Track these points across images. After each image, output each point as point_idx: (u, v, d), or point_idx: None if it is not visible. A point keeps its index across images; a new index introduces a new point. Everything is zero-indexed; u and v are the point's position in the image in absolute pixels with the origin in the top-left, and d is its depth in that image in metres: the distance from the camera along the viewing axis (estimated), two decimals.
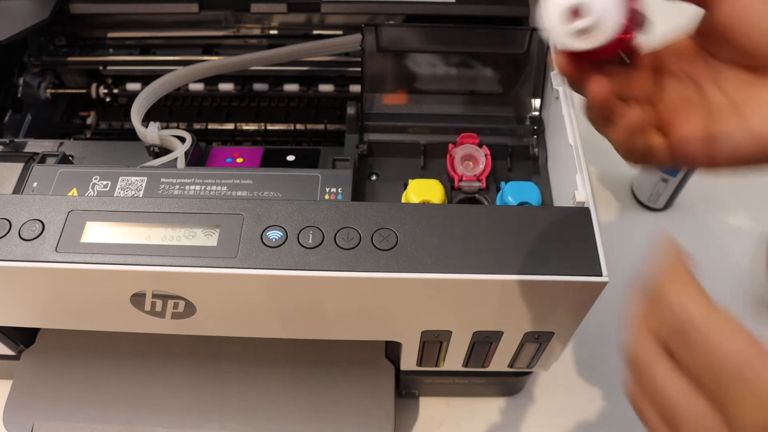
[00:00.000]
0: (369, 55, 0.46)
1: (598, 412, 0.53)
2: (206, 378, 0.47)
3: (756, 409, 0.19)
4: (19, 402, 0.45)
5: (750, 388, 0.19)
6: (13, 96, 0.54)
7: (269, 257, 0.33)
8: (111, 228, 0.35)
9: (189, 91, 0.58)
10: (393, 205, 0.35)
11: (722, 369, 0.20)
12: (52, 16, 0.52)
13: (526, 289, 0.34)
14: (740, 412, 0.20)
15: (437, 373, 0.47)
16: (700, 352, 0.21)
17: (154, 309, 0.37)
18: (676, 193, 0.64)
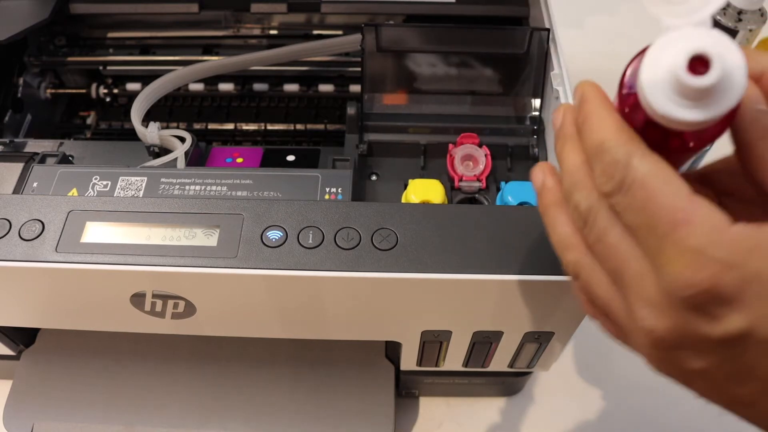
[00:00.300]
0: (369, 55, 0.46)
1: (598, 412, 0.53)
2: (206, 378, 0.47)
3: (684, 267, 0.19)
4: (19, 402, 0.45)
5: (681, 246, 0.19)
6: (13, 96, 0.54)
7: (269, 257, 0.33)
8: (111, 228, 0.35)
9: (189, 91, 0.58)
10: (393, 205, 0.35)
11: (659, 224, 0.20)
12: (52, 16, 0.52)
13: (526, 289, 0.34)
14: (670, 269, 0.20)
15: (437, 373, 0.47)
16: (640, 206, 0.21)
17: (154, 309, 0.37)
18: None
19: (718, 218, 0.19)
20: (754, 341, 0.19)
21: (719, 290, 0.19)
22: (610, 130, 0.22)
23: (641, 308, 0.21)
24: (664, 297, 0.20)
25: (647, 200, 0.20)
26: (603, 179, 0.22)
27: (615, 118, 0.22)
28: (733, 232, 0.19)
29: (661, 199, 0.20)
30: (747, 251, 0.19)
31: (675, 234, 0.20)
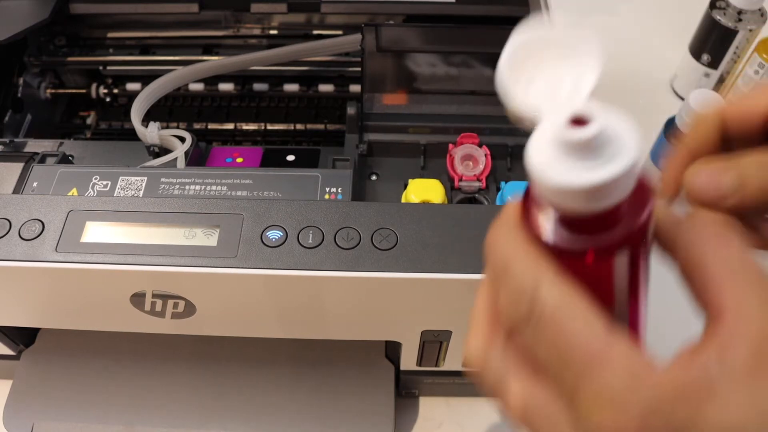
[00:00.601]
0: (369, 55, 0.46)
1: None
2: (206, 378, 0.47)
3: (603, 416, 0.17)
4: (19, 402, 0.45)
5: (596, 384, 0.17)
6: (13, 96, 0.54)
7: (269, 257, 0.33)
8: (111, 228, 0.35)
9: (189, 91, 0.58)
10: (393, 205, 0.35)
11: (573, 365, 0.18)
12: (52, 16, 0.52)
13: None
14: (588, 415, 0.18)
15: (437, 373, 0.47)
16: (550, 341, 0.18)
17: (154, 309, 0.37)
18: None
19: (638, 359, 0.18)
20: None
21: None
22: (516, 249, 0.20)
23: None
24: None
25: (557, 336, 0.18)
26: (510, 309, 0.19)
27: (523, 236, 0.20)
28: (658, 376, 0.18)
29: (572, 336, 0.18)
30: (673, 398, 0.17)
31: (591, 376, 0.18)
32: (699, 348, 0.19)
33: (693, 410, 0.16)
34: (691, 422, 0.16)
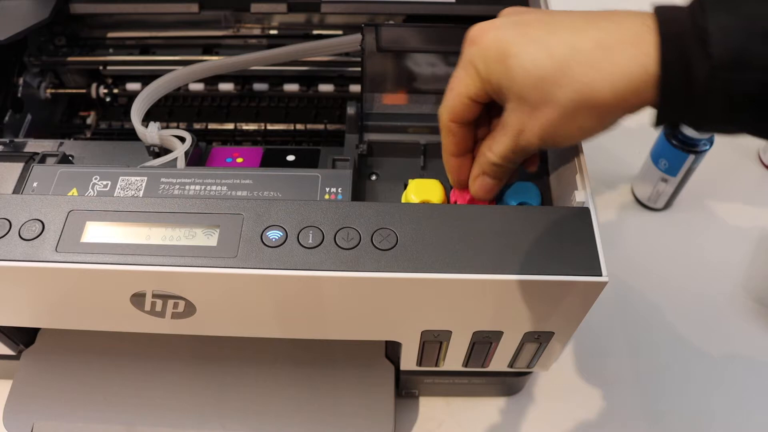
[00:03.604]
0: (369, 55, 0.46)
1: (598, 412, 0.53)
2: (206, 378, 0.47)
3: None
4: (19, 402, 0.45)
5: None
6: (13, 96, 0.54)
7: (269, 257, 0.33)
8: (111, 228, 0.35)
9: (189, 91, 0.58)
10: (393, 205, 0.35)
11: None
12: (52, 16, 0.52)
13: (526, 289, 0.34)
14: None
15: (437, 373, 0.47)
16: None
17: (154, 309, 0.37)
18: (676, 193, 0.64)
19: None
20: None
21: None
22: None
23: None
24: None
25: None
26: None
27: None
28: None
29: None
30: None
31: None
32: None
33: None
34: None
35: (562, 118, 0.30)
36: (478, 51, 0.33)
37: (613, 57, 0.28)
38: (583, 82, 0.29)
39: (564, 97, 0.29)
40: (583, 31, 0.29)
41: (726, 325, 0.58)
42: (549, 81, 0.30)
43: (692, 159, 0.59)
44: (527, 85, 0.30)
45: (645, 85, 0.28)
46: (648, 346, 0.56)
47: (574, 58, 0.29)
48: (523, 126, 0.32)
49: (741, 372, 0.55)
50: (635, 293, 0.60)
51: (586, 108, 0.29)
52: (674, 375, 0.55)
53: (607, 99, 0.29)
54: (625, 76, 0.28)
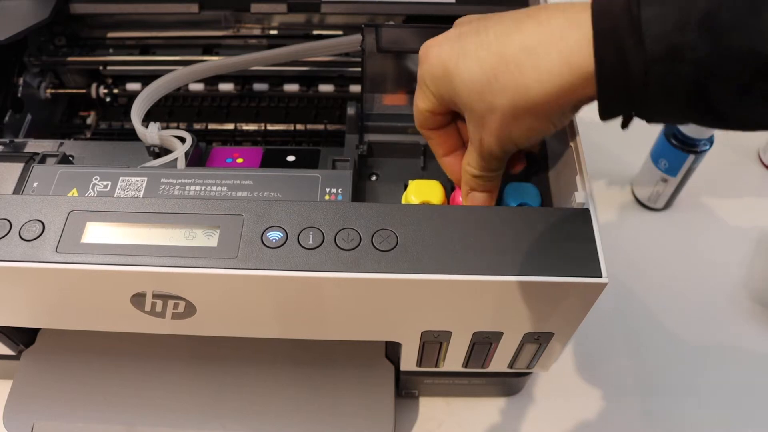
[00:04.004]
0: (369, 55, 0.46)
1: (598, 412, 0.53)
2: (206, 378, 0.47)
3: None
4: (19, 402, 0.46)
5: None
6: (13, 96, 0.54)
7: (269, 258, 0.33)
8: (111, 228, 0.35)
9: (189, 91, 0.58)
10: (393, 206, 0.35)
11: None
12: (52, 16, 0.52)
13: (526, 290, 0.34)
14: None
15: (437, 373, 0.47)
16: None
17: (154, 309, 0.37)
18: (676, 193, 0.64)
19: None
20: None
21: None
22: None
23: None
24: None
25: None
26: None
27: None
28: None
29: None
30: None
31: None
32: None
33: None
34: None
35: (508, 122, 0.31)
36: (426, 69, 0.34)
37: (538, 60, 0.29)
38: (513, 88, 0.30)
39: (501, 103, 0.30)
40: (509, 36, 0.30)
41: (726, 325, 0.58)
42: (486, 91, 0.31)
43: (692, 159, 0.59)
44: (470, 97, 0.32)
45: (580, 81, 0.28)
46: (648, 346, 0.56)
47: (501, 65, 0.30)
48: (480, 135, 0.33)
49: (741, 372, 0.55)
50: (635, 293, 0.60)
51: (524, 111, 0.30)
52: (674, 375, 0.55)
53: (541, 100, 0.29)
54: (553, 77, 0.28)
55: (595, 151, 0.70)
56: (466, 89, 0.32)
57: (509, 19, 0.31)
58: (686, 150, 0.58)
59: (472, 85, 0.31)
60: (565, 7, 0.29)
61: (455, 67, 0.32)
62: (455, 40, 0.32)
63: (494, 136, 0.32)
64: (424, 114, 0.36)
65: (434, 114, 0.36)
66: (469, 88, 0.31)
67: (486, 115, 0.32)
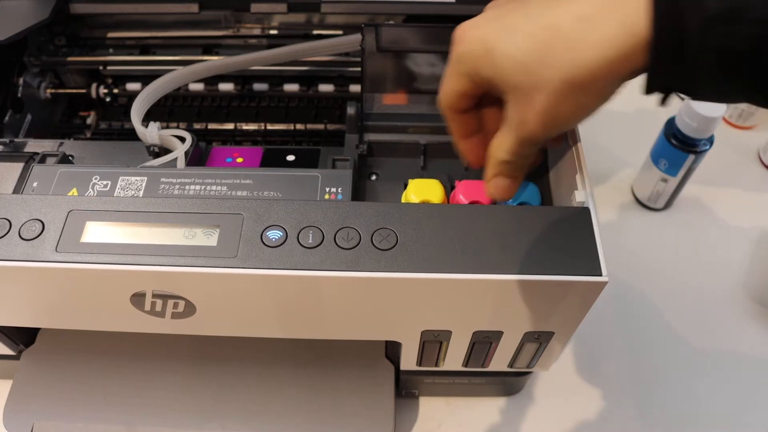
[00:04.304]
0: (369, 55, 0.46)
1: (598, 412, 0.53)
2: (206, 378, 0.47)
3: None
4: (19, 402, 0.45)
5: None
6: (13, 96, 0.54)
7: (269, 257, 0.33)
8: (111, 228, 0.35)
9: (189, 91, 0.58)
10: (393, 205, 0.35)
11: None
12: (52, 16, 0.52)
13: (526, 289, 0.34)
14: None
15: (437, 373, 0.47)
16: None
17: (154, 309, 0.37)
18: (676, 193, 0.64)
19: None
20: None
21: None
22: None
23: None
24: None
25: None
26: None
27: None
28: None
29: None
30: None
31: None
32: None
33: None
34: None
35: (558, 99, 0.30)
36: (463, 51, 0.33)
37: (596, 28, 0.27)
38: (569, 59, 0.28)
39: (554, 77, 0.29)
40: (561, 7, 0.29)
41: (726, 325, 0.58)
42: (536, 65, 0.29)
43: (692, 159, 0.59)
44: (516, 73, 0.30)
45: (634, 49, 0.27)
46: (648, 346, 0.56)
47: (556, 36, 0.28)
48: (522, 116, 0.32)
49: (741, 372, 0.55)
50: (635, 293, 0.60)
51: (578, 84, 0.29)
52: (674, 375, 0.55)
53: (597, 71, 0.28)
54: (612, 45, 0.27)
55: (595, 151, 0.70)
56: (512, 66, 0.30)
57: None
58: (686, 150, 0.58)
59: (520, 60, 0.29)
60: None
61: (500, 43, 0.30)
62: (496, 19, 0.31)
63: (539, 116, 0.31)
64: (454, 96, 0.35)
65: (466, 96, 0.35)
66: (516, 64, 0.30)
67: (532, 93, 0.30)
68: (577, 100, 0.30)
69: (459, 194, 0.41)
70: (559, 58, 0.28)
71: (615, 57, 0.27)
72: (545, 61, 0.29)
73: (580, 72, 0.28)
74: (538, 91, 0.30)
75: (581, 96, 0.29)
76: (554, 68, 0.29)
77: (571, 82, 0.29)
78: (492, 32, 0.31)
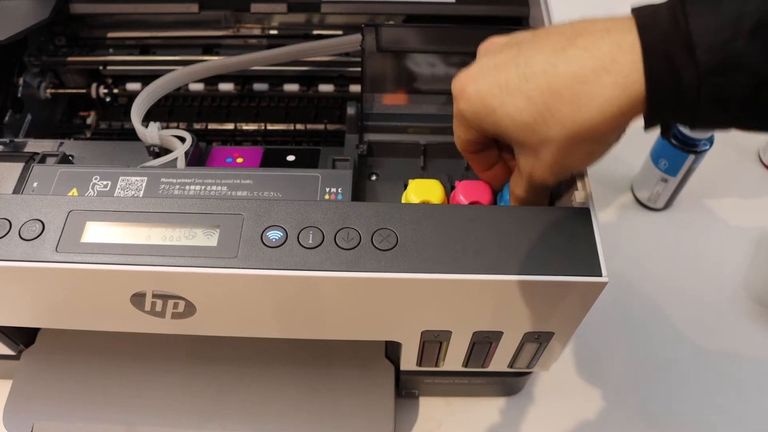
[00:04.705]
0: (369, 55, 0.46)
1: (598, 412, 0.53)
2: (206, 378, 0.47)
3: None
4: (19, 402, 0.45)
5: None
6: (13, 96, 0.54)
7: (269, 257, 0.33)
8: (111, 228, 0.35)
9: (189, 91, 0.58)
10: (393, 206, 0.35)
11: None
12: (52, 16, 0.52)
13: (526, 290, 0.34)
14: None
15: (437, 373, 0.47)
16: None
17: (154, 309, 0.37)
18: (676, 193, 0.64)
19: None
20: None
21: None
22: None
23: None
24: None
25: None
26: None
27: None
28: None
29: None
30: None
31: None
32: None
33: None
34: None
35: (565, 152, 0.31)
36: (466, 108, 0.33)
37: (592, 89, 0.28)
38: (569, 119, 0.29)
39: (558, 135, 0.30)
40: (555, 67, 0.29)
41: (726, 325, 0.58)
42: (538, 124, 0.30)
43: (692, 159, 0.59)
44: (519, 132, 0.31)
45: (633, 105, 0.28)
46: (648, 346, 0.56)
47: (553, 98, 0.29)
48: (531, 168, 0.33)
49: (741, 372, 0.55)
50: (635, 293, 0.60)
51: (581, 139, 0.30)
52: (674, 375, 0.55)
53: (599, 126, 0.29)
54: (611, 104, 0.28)
55: None
56: (515, 125, 0.31)
57: (547, 45, 0.30)
58: (686, 150, 0.58)
59: (521, 120, 0.30)
60: (606, 27, 0.28)
61: (500, 104, 0.31)
62: (491, 73, 0.31)
63: (548, 168, 0.32)
64: (466, 143, 0.36)
65: (475, 143, 0.36)
66: (519, 123, 0.31)
67: (539, 149, 0.31)
68: (584, 150, 0.31)
69: (459, 194, 0.41)
70: (560, 118, 0.29)
71: (615, 113, 0.28)
72: (548, 121, 0.30)
73: (583, 128, 0.29)
74: (545, 146, 0.31)
75: (587, 146, 0.31)
76: (557, 127, 0.29)
77: (576, 138, 0.30)
78: (490, 90, 0.31)
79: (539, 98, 0.29)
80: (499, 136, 0.33)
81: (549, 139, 0.30)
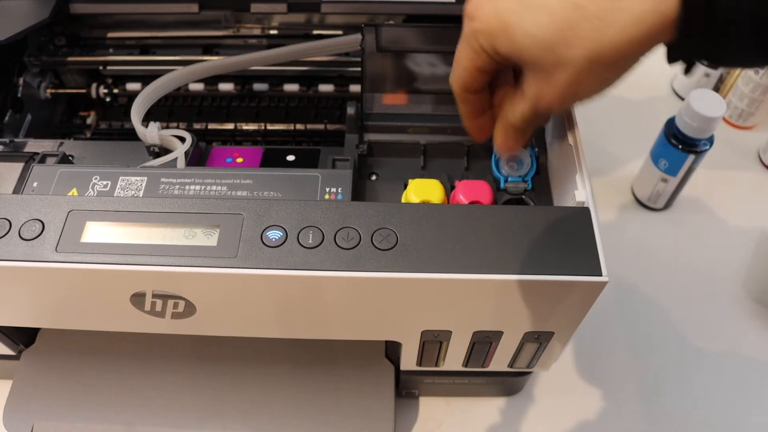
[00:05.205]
0: (369, 55, 0.46)
1: (598, 412, 0.53)
2: (206, 378, 0.47)
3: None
4: (19, 402, 0.46)
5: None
6: (13, 96, 0.54)
7: (269, 257, 0.33)
8: (111, 228, 0.35)
9: (189, 91, 0.58)
10: (393, 205, 0.35)
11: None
12: (52, 16, 0.52)
13: (526, 289, 0.34)
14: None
15: (437, 373, 0.47)
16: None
17: (154, 309, 0.37)
18: (676, 193, 0.64)
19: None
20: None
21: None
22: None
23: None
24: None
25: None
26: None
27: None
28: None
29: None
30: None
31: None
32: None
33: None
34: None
35: (579, 76, 0.29)
36: (479, 26, 0.31)
37: (622, 7, 0.27)
38: (593, 38, 0.27)
39: (577, 56, 0.28)
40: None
41: (726, 325, 0.58)
42: (558, 43, 0.28)
43: (692, 159, 0.59)
44: (536, 51, 0.29)
45: (662, 26, 0.26)
46: (648, 345, 0.56)
47: (578, 14, 0.27)
48: (540, 92, 0.31)
49: (741, 372, 0.55)
50: (635, 293, 0.60)
51: (601, 62, 0.28)
52: (674, 375, 0.55)
53: (624, 50, 0.27)
54: (640, 24, 0.27)
55: (595, 151, 0.70)
56: (533, 44, 0.29)
57: None
58: (686, 150, 0.58)
59: (542, 38, 0.29)
60: None
61: (519, 20, 0.29)
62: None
63: (559, 92, 0.30)
64: (473, 73, 0.34)
65: (482, 72, 0.34)
66: (538, 42, 0.29)
67: (554, 70, 0.30)
68: (600, 77, 0.29)
69: (459, 194, 0.41)
70: (583, 38, 0.28)
71: (642, 35, 0.27)
72: (569, 40, 0.28)
73: (606, 51, 0.28)
74: (561, 69, 0.29)
75: (604, 72, 0.29)
76: (579, 47, 0.28)
77: (596, 61, 0.28)
78: (509, 7, 0.30)
79: (563, 14, 0.28)
80: (512, 58, 0.31)
81: (567, 61, 0.29)
